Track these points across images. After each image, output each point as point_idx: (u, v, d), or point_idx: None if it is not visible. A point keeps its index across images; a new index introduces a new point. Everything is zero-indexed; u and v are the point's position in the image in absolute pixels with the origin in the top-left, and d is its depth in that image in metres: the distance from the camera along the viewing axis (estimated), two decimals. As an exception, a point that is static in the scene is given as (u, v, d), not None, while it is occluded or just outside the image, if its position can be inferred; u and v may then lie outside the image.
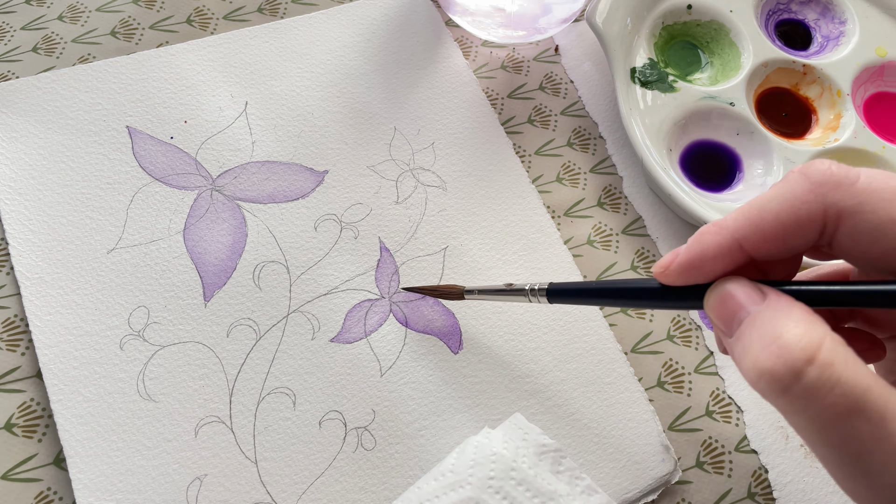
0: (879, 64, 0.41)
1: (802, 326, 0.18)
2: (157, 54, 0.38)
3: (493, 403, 0.32)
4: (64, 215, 0.34)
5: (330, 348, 0.33)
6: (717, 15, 0.42)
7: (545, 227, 0.37)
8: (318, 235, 0.35)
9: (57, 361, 0.31)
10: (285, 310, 0.33)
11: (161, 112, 0.37)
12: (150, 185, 0.35)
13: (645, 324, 0.35)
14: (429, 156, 0.38)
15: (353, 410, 0.32)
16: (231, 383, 0.31)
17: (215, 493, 0.29)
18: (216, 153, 0.36)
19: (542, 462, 0.28)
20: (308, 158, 0.37)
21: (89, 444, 0.30)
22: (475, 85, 0.40)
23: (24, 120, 0.36)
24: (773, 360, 0.18)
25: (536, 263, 0.36)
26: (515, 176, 0.38)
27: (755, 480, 0.32)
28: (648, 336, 0.35)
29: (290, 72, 0.39)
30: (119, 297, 0.32)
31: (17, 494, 0.29)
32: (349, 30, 0.41)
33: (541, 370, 0.33)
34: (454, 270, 0.35)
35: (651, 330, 0.35)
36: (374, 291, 0.34)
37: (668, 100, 0.39)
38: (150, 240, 0.34)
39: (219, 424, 0.31)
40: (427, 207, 0.36)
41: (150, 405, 0.31)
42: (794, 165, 0.37)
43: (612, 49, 0.39)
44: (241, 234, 0.35)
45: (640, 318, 0.35)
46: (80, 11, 0.40)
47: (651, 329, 0.35)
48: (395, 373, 0.32)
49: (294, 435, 0.31)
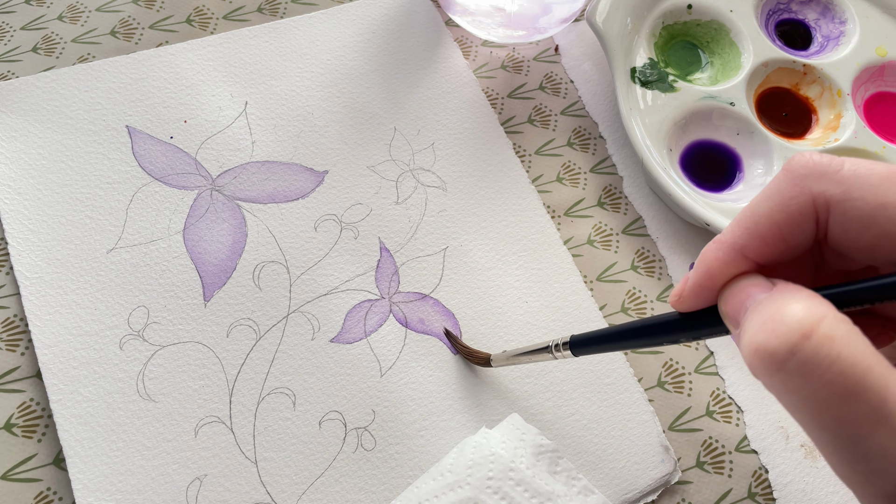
0: (879, 64, 0.41)
1: (804, 303, 0.17)
2: (156, 54, 0.38)
3: (492, 404, 0.32)
4: (63, 215, 0.34)
5: (330, 348, 0.33)
6: (717, 15, 0.42)
7: (545, 227, 0.37)
8: (318, 235, 0.35)
9: (56, 361, 0.31)
10: (285, 310, 0.33)
11: (161, 112, 0.37)
12: (150, 184, 0.35)
13: None
14: (429, 156, 0.38)
15: (353, 411, 0.32)
16: (231, 383, 0.31)
17: (215, 493, 0.29)
18: (216, 153, 0.36)
19: (539, 462, 0.28)
20: (308, 158, 0.37)
21: (89, 444, 0.29)
22: (475, 85, 0.40)
23: (24, 119, 0.36)
24: (767, 334, 0.17)
25: (536, 264, 0.36)
26: (515, 176, 0.38)
27: (755, 480, 0.32)
28: (648, 336, 0.35)
29: (290, 72, 0.39)
30: (119, 296, 0.32)
31: (17, 494, 0.29)
32: (349, 30, 0.41)
33: (540, 370, 0.33)
34: (454, 271, 0.35)
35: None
36: (374, 292, 0.34)
37: (668, 100, 0.39)
38: (150, 239, 0.34)
39: (219, 424, 0.31)
40: (427, 208, 0.36)
41: (149, 405, 0.31)
42: (794, 166, 0.37)
43: (612, 49, 0.39)
44: (240, 234, 0.35)
45: (641, 317, 0.35)
46: (80, 11, 0.40)
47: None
48: (395, 373, 0.32)
49: (294, 435, 0.31)
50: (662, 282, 0.36)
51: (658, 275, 0.36)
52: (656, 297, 0.36)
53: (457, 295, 0.34)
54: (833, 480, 0.33)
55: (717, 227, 0.35)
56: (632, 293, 0.36)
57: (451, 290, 0.35)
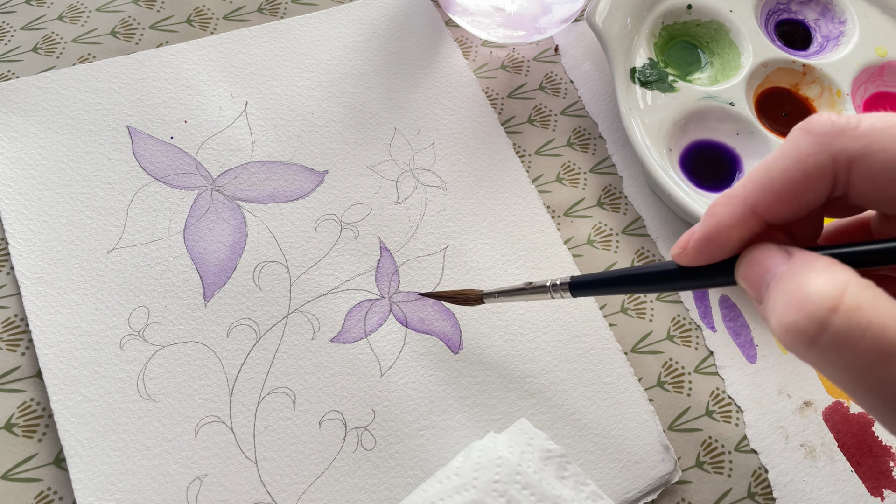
0: (879, 64, 0.41)
1: (824, 276, 0.17)
2: (157, 54, 0.38)
3: (493, 403, 0.32)
4: (64, 215, 0.34)
5: (330, 348, 0.33)
6: (716, 15, 0.42)
7: (545, 226, 0.37)
8: (318, 235, 0.35)
9: (57, 361, 0.31)
10: (285, 310, 0.33)
11: (161, 112, 0.37)
12: (151, 184, 0.35)
13: (645, 324, 0.35)
14: (429, 156, 0.38)
15: (353, 410, 0.32)
16: (231, 383, 0.31)
17: (215, 492, 0.29)
18: (216, 153, 0.36)
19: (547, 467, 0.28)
20: (308, 158, 0.37)
21: (89, 443, 0.30)
22: (475, 85, 0.40)
23: (24, 120, 0.36)
24: (796, 313, 0.17)
25: (536, 263, 0.36)
26: (515, 176, 0.38)
27: (755, 480, 0.32)
28: (648, 336, 0.35)
29: (290, 72, 0.39)
30: (119, 296, 0.32)
31: (17, 494, 0.29)
32: (349, 30, 0.41)
33: (541, 370, 0.33)
34: (454, 270, 0.35)
35: (651, 330, 0.35)
36: (374, 291, 0.34)
37: (668, 100, 0.39)
38: (150, 240, 0.34)
39: (219, 424, 0.31)
40: (427, 207, 0.36)
41: (150, 405, 0.31)
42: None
43: (612, 49, 0.39)
44: (241, 234, 0.35)
45: (640, 318, 0.35)
46: (80, 11, 0.40)
47: (651, 329, 0.35)
48: (396, 373, 0.32)
49: (294, 435, 0.31)
50: (662, 281, 0.36)
51: (658, 274, 0.36)
52: (656, 296, 0.36)
53: (457, 295, 0.34)
54: (833, 480, 0.33)
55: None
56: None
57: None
